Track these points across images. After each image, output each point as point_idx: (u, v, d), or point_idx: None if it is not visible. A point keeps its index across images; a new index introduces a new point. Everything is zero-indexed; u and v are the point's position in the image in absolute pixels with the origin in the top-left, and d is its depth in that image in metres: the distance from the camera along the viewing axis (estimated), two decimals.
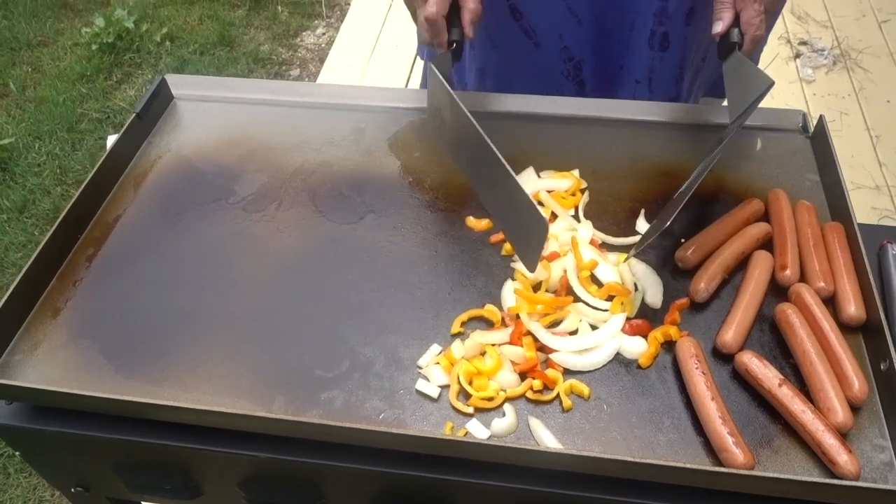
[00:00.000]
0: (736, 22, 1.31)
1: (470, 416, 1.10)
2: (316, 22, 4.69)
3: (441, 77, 1.33)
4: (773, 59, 4.03)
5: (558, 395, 1.11)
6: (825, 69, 3.98)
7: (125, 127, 1.51)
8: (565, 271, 1.25)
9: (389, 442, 1.05)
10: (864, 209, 3.27)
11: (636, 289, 1.24)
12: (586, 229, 1.32)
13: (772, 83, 1.27)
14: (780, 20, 4.24)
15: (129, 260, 1.34)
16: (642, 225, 1.34)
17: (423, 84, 1.94)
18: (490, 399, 1.11)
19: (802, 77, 3.94)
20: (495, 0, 1.53)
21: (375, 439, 1.05)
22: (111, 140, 1.49)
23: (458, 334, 1.20)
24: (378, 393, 1.13)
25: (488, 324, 1.22)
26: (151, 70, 4.27)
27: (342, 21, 4.59)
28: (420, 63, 2.00)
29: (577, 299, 1.23)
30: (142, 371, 1.18)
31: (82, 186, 1.39)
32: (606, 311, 1.21)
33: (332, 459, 1.09)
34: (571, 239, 1.29)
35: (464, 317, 1.22)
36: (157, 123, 1.60)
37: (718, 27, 1.32)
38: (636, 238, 1.32)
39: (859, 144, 3.56)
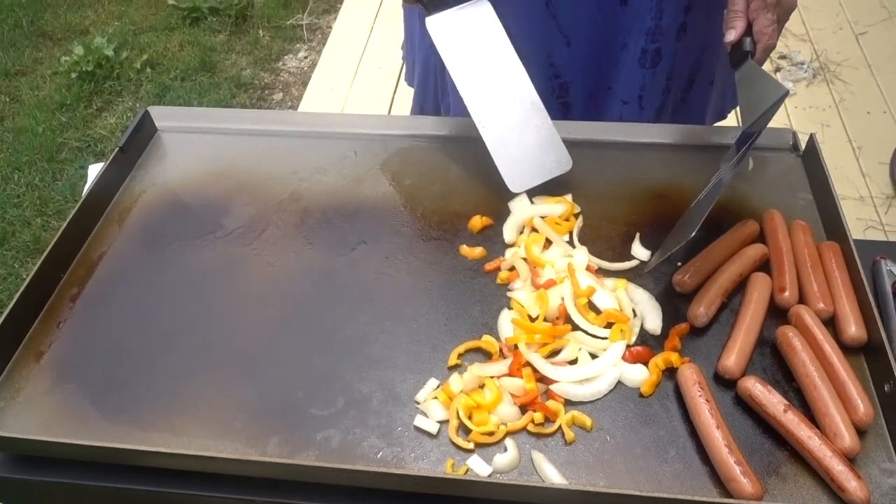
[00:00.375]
0: (748, 31, 1.31)
1: (471, 451, 1.08)
2: (297, 45, 4.68)
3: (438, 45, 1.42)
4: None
5: (560, 428, 1.09)
6: (805, 82, 4.02)
7: (108, 161, 1.48)
8: (563, 299, 1.23)
9: (389, 482, 1.02)
10: (850, 220, 3.25)
11: (635, 315, 1.23)
12: (582, 255, 1.30)
13: (787, 92, 1.29)
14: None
15: (115, 299, 1.30)
16: (638, 249, 1.32)
17: (414, 110, 1.92)
18: (491, 434, 1.08)
19: None
20: None
21: (374, 480, 1.02)
22: (93, 169, 1.46)
23: (456, 366, 1.18)
24: (375, 430, 1.10)
25: (486, 355, 1.20)
26: (132, 97, 4.24)
27: (324, 44, 4.59)
28: (404, 83, 1.98)
29: (575, 327, 1.21)
30: (129, 416, 1.14)
31: (65, 224, 1.36)
32: (606, 338, 1.19)
33: (330, 501, 1.06)
34: (567, 265, 1.27)
35: (461, 349, 1.19)
36: (141, 157, 1.57)
37: (731, 35, 1.32)
38: (633, 263, 1.31)
39: (842, 156, 3.59)
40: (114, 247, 1.39)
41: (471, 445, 1.08)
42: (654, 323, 1.21)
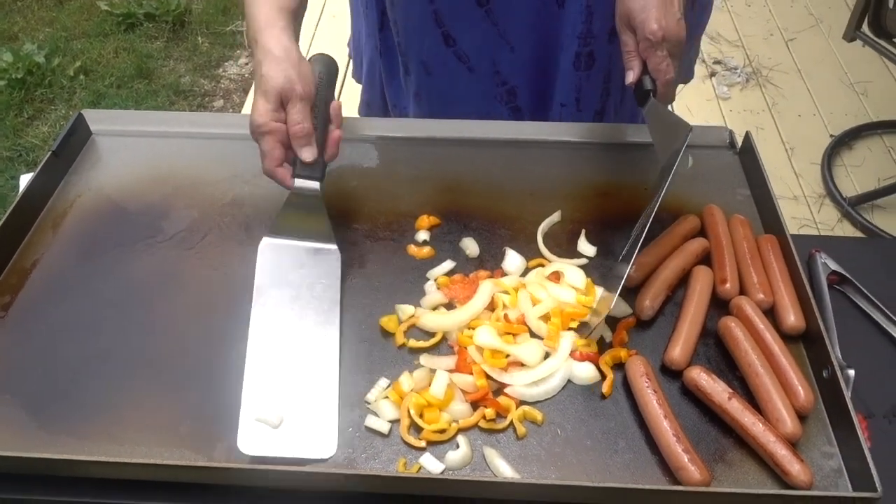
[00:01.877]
0: (645, 69, 1.30)
1: (423, 450, 1.07)
2: (238, 52, 4.61)
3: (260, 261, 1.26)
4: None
5: (512, 423, 1.09)
6: (739, 86, 4.15)
7: (40, 165, 1.43)
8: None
9: (340, 483, 1.01)
10: (786, 220, 3.40)
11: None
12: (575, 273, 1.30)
13: (690, 128, 1.28)
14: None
15: (50, 307, 1.25)
16: (584, 246, 1.34)
17: (361, 107, 1.92)
18: (442, 431, 1.08)
19: (719, 94, 4.09)
20: (428, 27, 1.53)
21: (325, 481, 1.01)
22: (24, 179, 1.41)
23: (403, 346, 1.18)
24: None
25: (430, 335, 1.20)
26: (65, 105, 4.11)
27: None
28: (348, 86, 1.97)
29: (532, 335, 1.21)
30: (68, 426, 1.10)
31: None
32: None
33: None
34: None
35: (404, 326, 1.19)
36: (75, 161, 1.52)
37: (630, 77, 1.31)
38: (581, 260, 1.32)
39: (776, 157, 3.71)
40: (47, 254, 1.34)
41: (423, 444, 1.07)
42: (621, 307, 1.23)
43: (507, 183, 1.46)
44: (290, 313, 1.21)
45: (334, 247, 1.29)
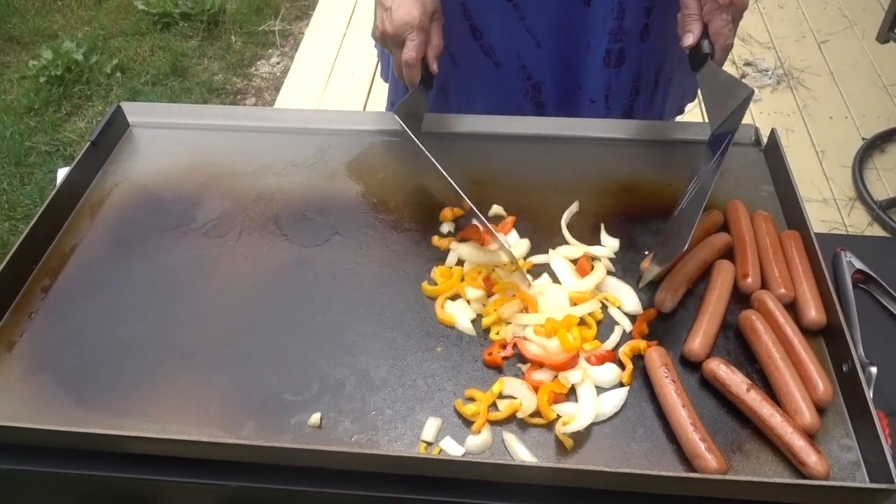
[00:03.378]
0: (705, 33, 1.34)
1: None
2: (270, 51, 4.68)
3: (405, 126, 1.42)
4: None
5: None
6: (770, 88, 4.12)
7: (79, 155, 1.48)
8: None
9: (362, 463, 1.04)
10: (814, 222, 3.35)
11: (605, 307, 1.25)
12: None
13: (752, 91, 1.32)
14: None
15: (88, 290, 1.30)
16: (605, 238, 1.35)
17: (388, 106, 1.95)
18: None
19: None
20: (456, 19, 1.55)
21: (347, 461, 1.04)
22: (62, 173, 1.46)
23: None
24: (349, 415, 1.12)
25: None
26: (102, 102, 4.21)
27: (296, 50, 4.60)
28: (377, 87, 2.01)
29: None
30: (104, 404, 1.14)
31: (36, 216, 1.36)
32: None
33: (304, 485, 1.06)
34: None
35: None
36: (113, 151, 1.57)
37: (689, 39, 1.35)
38: (602, 249, 1.34)
39: (806, 160, 3.68)
40: (86, 239, 1.39)
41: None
42: (632, 304, 1.24)
43: (530, 176, 1.48)
44: None
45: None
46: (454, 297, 1.27)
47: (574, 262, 1.32)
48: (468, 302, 1.26)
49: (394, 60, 1.46)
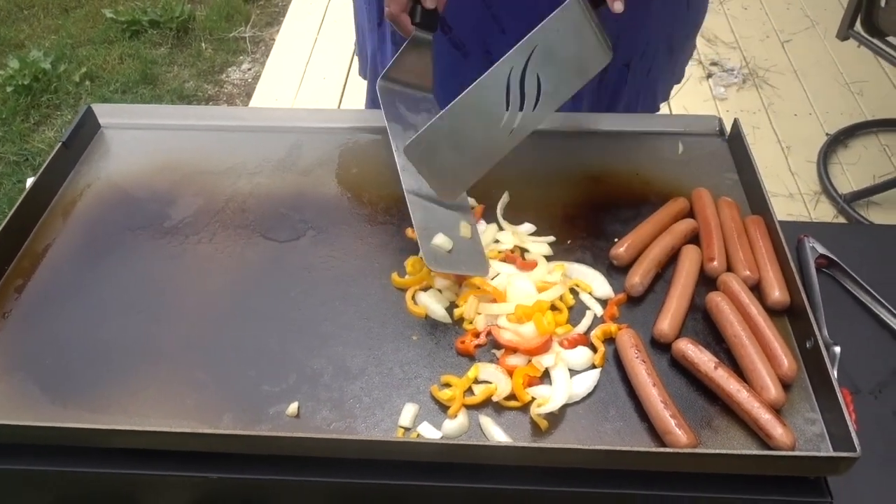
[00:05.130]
0: None
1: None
2: (241, 57, 4.67)
3: (383, 105, 1.43)
4: (687, 79, 4.20)
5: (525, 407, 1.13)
6: (736, 87, 4.20)
7: (51, 156, 1.48)
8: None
9: (340, 449, 1.05)
10: (781, 216, 3.44)
11: (575, 293, 1.28)
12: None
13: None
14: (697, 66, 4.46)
15: (62, 289, 1.30)
16: (534, 245, 1.37)
17: (367, 102, 1.96)
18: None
19: (715, 95, 4.14)
20: None
21: (325, 447, 1.05)
22: (31, 182, 1.45)
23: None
24: (327, 404, 1.13)
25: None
26: (71, 111, 4.17)
27: (267, 56, 4.59)
28: (349, 91, 2.01)
29: None
30: (81, 401, 1.14)
31: (7, 217, 1.35)
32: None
33: (284, 474, 1.07)
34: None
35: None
36: (85, 152, 1.57)
37: None
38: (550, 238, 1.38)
39: (772, 155, 3.75)
40: (59, 239, 1.39)
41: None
42: (603, 289, 1.27)
43: (500, 167, 1.50)
44: None
45: (431, 95, 1.48)
46: (426, 288, 1.29)
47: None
48: (440, 291, 1.28)
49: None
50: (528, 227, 1.39)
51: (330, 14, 4.81)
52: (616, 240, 1.35)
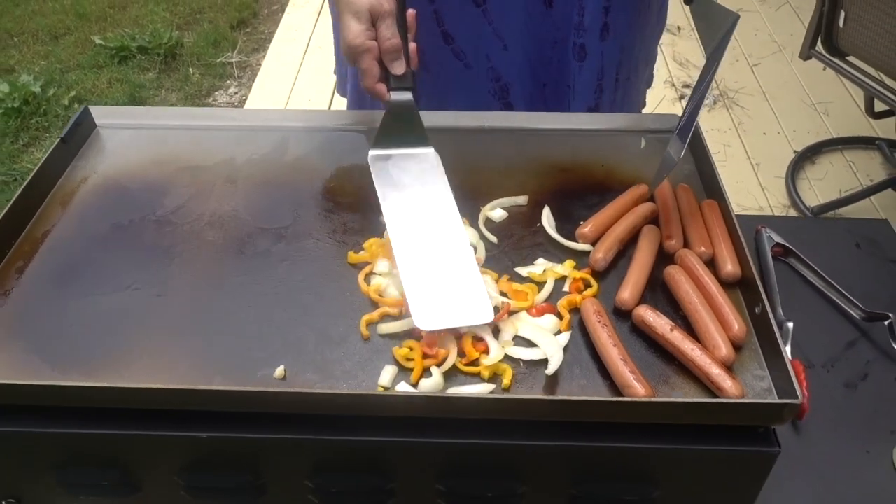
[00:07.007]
0: None
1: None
2: (228, 82, 4.80)
3: (374, 175, 1.44)
4: (660, 101, 4.38)
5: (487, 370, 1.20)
6: (707, 108, 4.36)
7: (49, 151, 1.56)
8: None
9: (327, 404, 1.12)
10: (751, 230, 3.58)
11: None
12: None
13: (737, 17, 1.42)
14: (664, 66, 4.63)
15: (61, 269, 1.38)
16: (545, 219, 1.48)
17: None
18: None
19: None
20: (428, 26, 1.66)
21: (313, 403, 1.12)
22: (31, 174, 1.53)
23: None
24: (311, 367, 1.21)
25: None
26: (59, 133, 4.25)
27: (253, 80, 4.71)
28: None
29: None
30: (78, 367, 1.21)
31: (7, 206, 1.43)
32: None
33: (271, 432, 1.15)
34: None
35: (374, 315, 1.28)
36: (81, 149, 1.65)
37: None
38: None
39: (743, 172, 3.90)
40: (58, 225, 1.47)
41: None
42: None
43: (480, 163, 1.61)
44: (416, 212, 1.37)
45: (431, 149, 1.47)
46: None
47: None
48: (374, 273, 1.35)
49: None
50: (500, 213, 1.49)
51: (315, 40, 4.96)
52: (581, 222, 1.45)
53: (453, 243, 1.33)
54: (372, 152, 1.47)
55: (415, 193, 1.40)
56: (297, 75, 4.68)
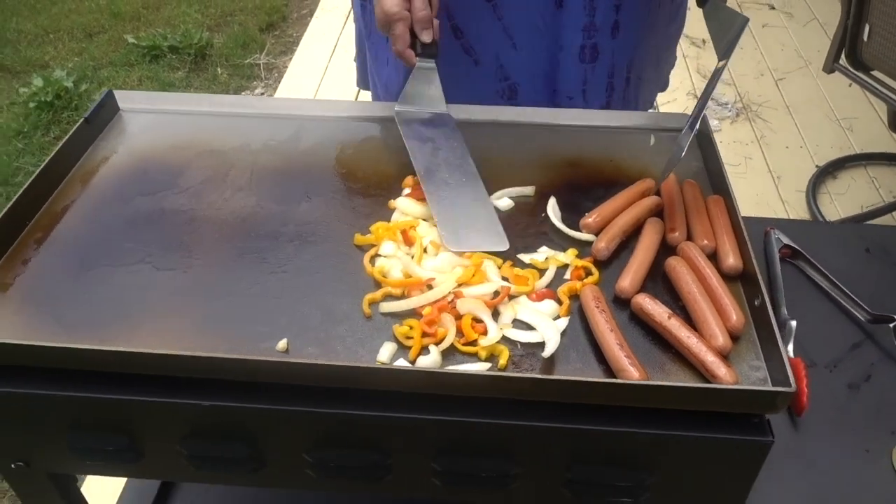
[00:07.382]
0: None
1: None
2: (255, 83, 4.88)
3: (400, 127, 1.64)
4: (682, 111, 4.37)
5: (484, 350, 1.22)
6: (730, 120, 4.35)
7: (73, 130, 1.62)
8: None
9: (326, 376, 1.15)
10: (760, 232, 3.56)
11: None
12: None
13: (746, 20, 1.48)
14: (687, 78, 4.63)
15: (77, 243, 1.42)
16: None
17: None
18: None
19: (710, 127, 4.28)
20: (438, 19, 1.70)
21: (313, 374, 1.15)
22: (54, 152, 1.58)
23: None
24: (314, 342, 1.24)
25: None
26: None
27: (280, 81, 4.79)
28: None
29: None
30: (92, 333, 1.25)
31: (29, 181, 1.48)
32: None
33: (270, 403, 1.18)
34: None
35: (377, 295, 1.31)
36: (104, 131, 1.71)
37: None
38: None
39: (763, 185, 3.88)
40: (78, 201, 1.51)
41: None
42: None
43: (488, 155, 1.63)
44: (438, 159, 1.58)
45: (448, 112, 1.70)
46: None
47: None
48: (379, 255, 1.38)
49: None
50: (506, 202, 1.51)
51: (342, 43, 5.03)
52: (586, 214, 1.46)
53: (470, 185, 1.52)
54: (398, 108, 1.69)
55: (436, 145, 1.61)
56: (322, 77, 4.74)
